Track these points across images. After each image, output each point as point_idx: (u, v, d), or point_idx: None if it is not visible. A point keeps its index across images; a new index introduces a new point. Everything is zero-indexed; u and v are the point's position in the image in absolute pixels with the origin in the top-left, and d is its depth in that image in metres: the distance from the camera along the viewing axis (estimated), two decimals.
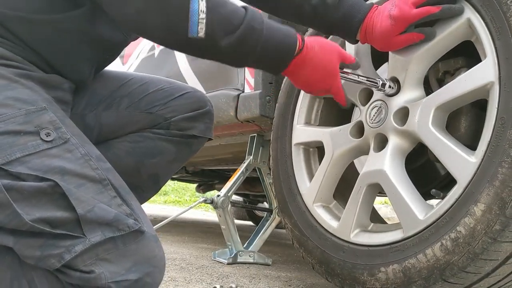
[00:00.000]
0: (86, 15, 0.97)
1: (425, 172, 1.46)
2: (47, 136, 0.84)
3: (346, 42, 1.38)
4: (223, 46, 0.91)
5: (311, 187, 1.42)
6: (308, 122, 1.53)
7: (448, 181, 1.46)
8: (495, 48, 1.00)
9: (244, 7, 0.95)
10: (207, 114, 1.19)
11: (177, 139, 1.15)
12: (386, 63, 1.27)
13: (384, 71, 1.28)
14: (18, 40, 0.93)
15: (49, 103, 0.89)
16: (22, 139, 0.81)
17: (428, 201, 1.16)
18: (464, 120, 1.19)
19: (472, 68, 1.04)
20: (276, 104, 1.61)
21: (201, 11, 0.87)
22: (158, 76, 1.21)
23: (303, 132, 1.50)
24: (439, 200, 1.09)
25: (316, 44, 1.02)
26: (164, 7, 0.87)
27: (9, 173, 0.79)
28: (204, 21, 0.88)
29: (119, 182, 0.88)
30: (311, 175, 1.47)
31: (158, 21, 0.88)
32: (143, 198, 1.18)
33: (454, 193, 1.02)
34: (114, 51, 1.12)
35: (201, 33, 0.88)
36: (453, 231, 0.99)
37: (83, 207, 0.80)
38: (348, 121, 1.39)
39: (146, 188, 1.18)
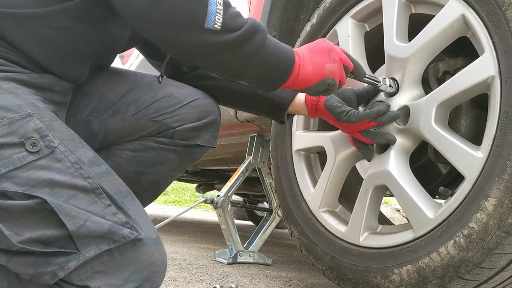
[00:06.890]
0: (78, 8, 0.91)
1: (426, 172, 1.46)
2: (32, 147, 0.80)
3: (339, 42, 1.38)
4: (232, 39, 0.88)
5: (316, 192, 1.41)
6: (307, 128, 1.52)
7: (450, 180, 1.46)
8: (493, 42, 1.00)
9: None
10: (213, 123, 1.16)
11: (180, 149, 1.13)
12: (384, 65, 1.27)
13: (382, 72, 1.28)
14: (0, 40, 0.87)
15: (34, 107, 0.84)
16: (6, 152, 0.78)
17: None
18: (464, 120, 1.19)
19: (471, 64, 1.04)
20: None
21: (218, 2, 0.85)
22: (170, 80, 1.17)
23: (303, 138, 1.50)
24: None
25: (304, 48, 1.00)
26: None
27: None
28: (222, 11, 0.86)
29: (114, 187, 0.85)
30: (314, 181, 1.46)
31: (171, 11, 0.83)
32: (142, 205, 1.16)
33: (463, 190, 1.02)
34: (111, 47, 1.06)
35: (218, 24, 0.85)
36: (466, 227, 0.99)
37: (74, 223, 0.77)
38: None
39: (146, 195, 1.16)
